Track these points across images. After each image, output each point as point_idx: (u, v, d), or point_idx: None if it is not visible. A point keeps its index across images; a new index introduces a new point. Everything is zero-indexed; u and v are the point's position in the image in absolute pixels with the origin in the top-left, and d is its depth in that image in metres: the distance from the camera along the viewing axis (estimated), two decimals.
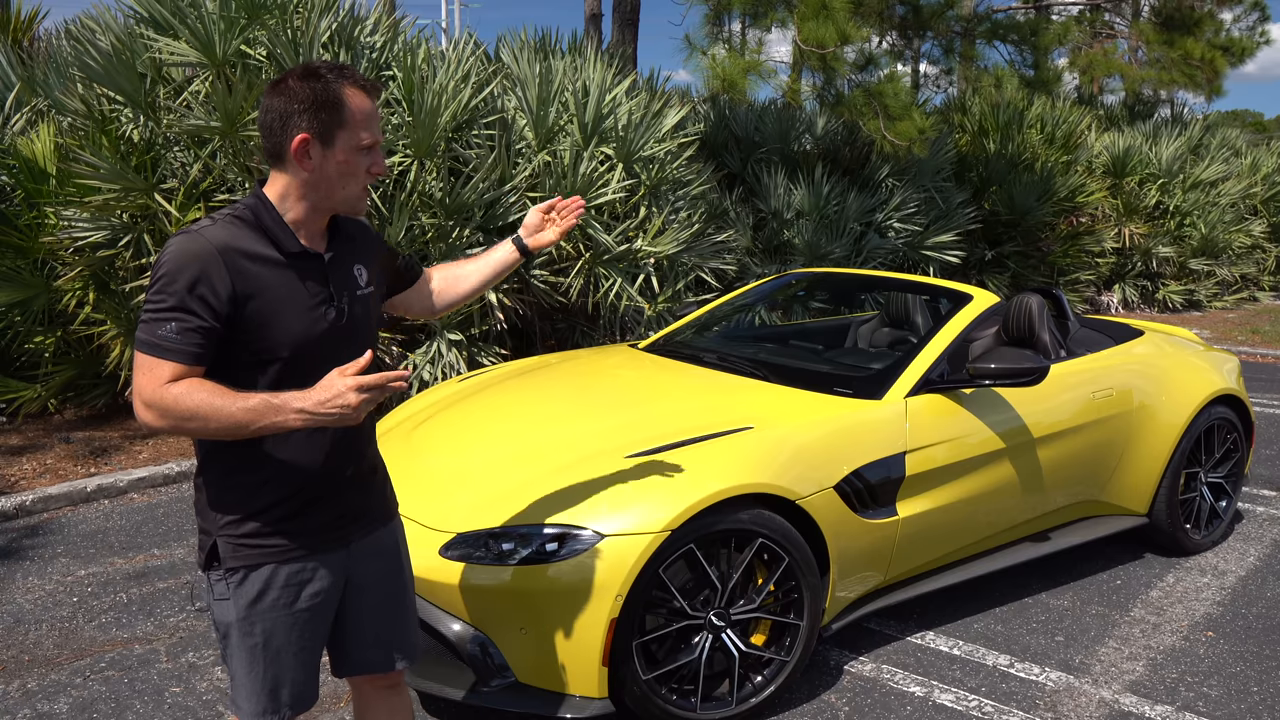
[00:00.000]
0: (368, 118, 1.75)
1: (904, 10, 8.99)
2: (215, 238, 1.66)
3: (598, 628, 2.53)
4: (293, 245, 1.75)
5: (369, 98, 1.75)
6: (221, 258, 1.64)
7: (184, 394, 1.60)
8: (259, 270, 1.69)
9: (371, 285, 1.93)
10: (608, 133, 6.56)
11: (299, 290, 1.74)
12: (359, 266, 1.90)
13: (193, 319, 1.62)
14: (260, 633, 1.78)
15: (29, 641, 3.32)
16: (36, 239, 5.60)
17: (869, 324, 4.72)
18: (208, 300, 1.62)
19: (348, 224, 1.93)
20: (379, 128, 1.79)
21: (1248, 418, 4.34)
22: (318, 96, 1.69)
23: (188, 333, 1.62)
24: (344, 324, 1.81)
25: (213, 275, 1.63)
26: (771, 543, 2.77)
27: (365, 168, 1.77)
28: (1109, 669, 3.23)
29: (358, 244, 1.94)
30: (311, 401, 1.59)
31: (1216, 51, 12.37)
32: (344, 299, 1.82)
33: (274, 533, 1.78)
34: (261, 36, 5.57)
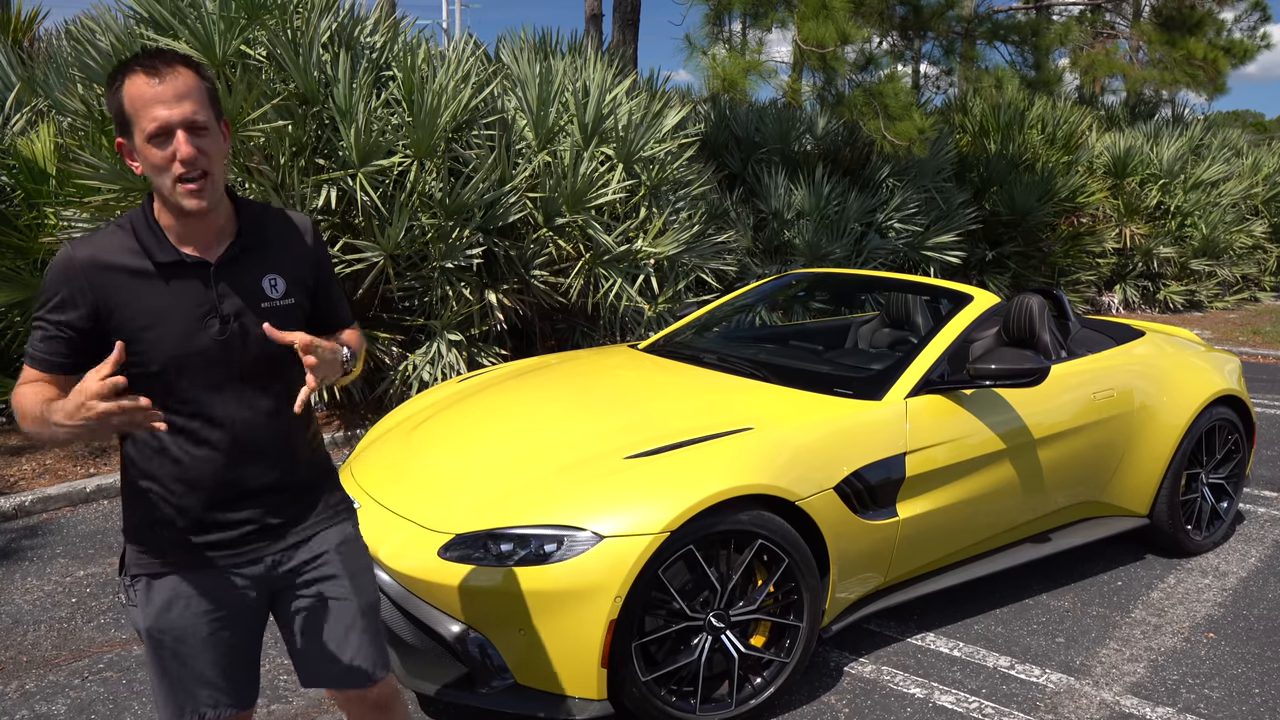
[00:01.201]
0: (149, 102, 1.54)
1: (904, 10, 8.98)
2: (84, 249, 1.61)
3: (597, 629, 2.52)
4: (164, 254, 1.64)
5: (150, 76, 1.55)
6: (83, 272, 1.60)
7: (21, 395, 1.59)
8: (125, 282, 1.61)
9: (291, 298, 1.75)
10: (608, 133, 6.55)
11: (173, 302, 1.63)
12: (273, 277, 1.74)
13: (53, 329, 1.60)
14: (170, 641, 1.73)
15: (27, 642, 3.31)
16: (36, 239, 5.60)
17: (869, 324, 4.71)
18: (66, 313, 1.60)
19: (272, 227, 1.77)
20: (176, 105, 1.56)
21: (1249, 418, 4.33)
22: (109, 103, 1.60)
23: (48, 340, 1.61)
24: (230, 339, 1.68)
25: (73, 290, 1.59)
26: (771, 544, 2.76)
27: (167, 159, 1.56)
28: (1110, 670, 3.22)
29: (276, 250, 1.76)
30: (62, 414, 1.47)
31: (1218, 52, 12.35)
32: (234, 312, 1.68)
33: (174, 544, 1.72)
34: (261, 37, 5.57)
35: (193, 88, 1.58)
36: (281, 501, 1.80)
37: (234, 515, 1.74)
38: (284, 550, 1.81)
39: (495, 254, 6.13)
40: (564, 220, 6.28)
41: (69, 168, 5.38)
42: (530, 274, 6.25)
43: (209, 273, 1.67)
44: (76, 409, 1.42)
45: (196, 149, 1.57)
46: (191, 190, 1.58)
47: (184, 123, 1.56)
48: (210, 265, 1.67)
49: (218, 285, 1.67)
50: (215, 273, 1.67)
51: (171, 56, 1.59)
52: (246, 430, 1.72)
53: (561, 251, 6.36)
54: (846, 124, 9.21)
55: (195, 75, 1.60)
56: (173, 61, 1.58)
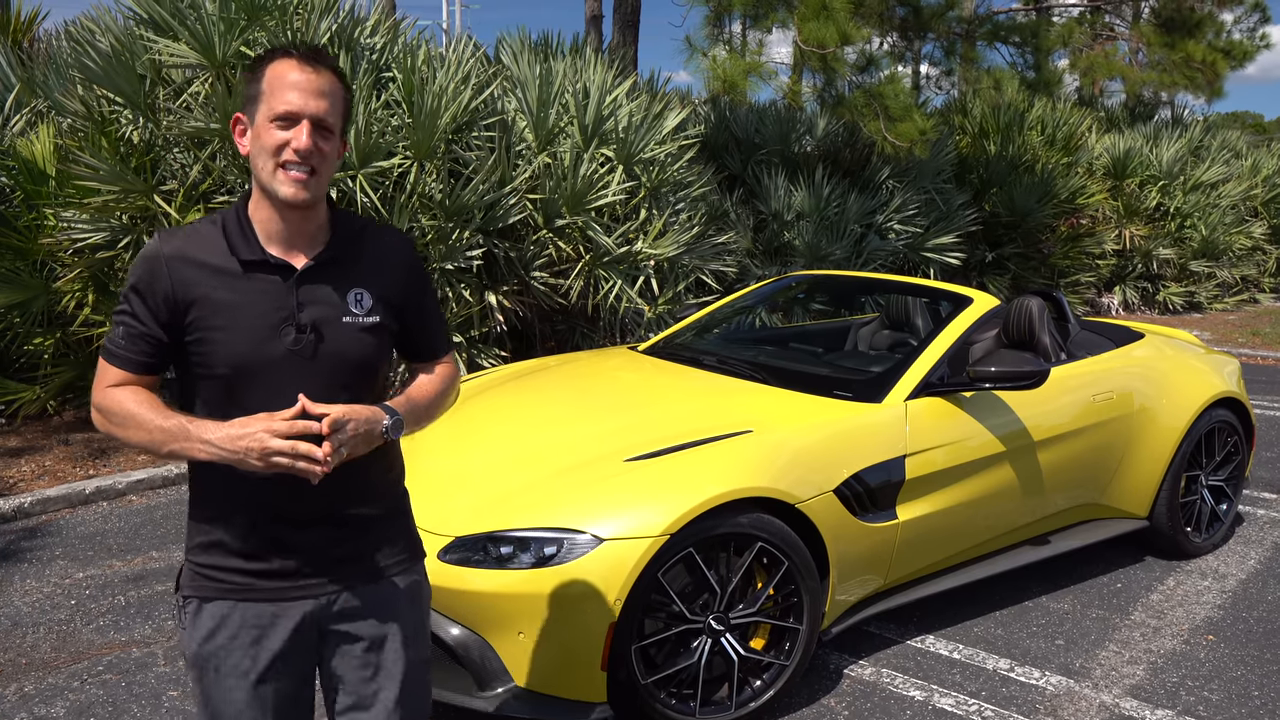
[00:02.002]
0: (289, 85, 1.51)
1: (904, 11, 8.98)
2: (171, 242, 1.56)
3: (597, 631, 2.53)
4: (249, 251, 1.57)
5: (302, 64, 1.53)
6: (166, 264, 1.54)
7: (122, 400, 1.54)
8: (205, 279, 1.54)
9: (376, 316, 1.64)
10: (608, 134, 6.56)
11: (250, 304, 1.55)
12: (360, 291, 1.63)
13: (137, 325, 1.55)
14: (213, 671, 1.63)
15: (26, 644, 3.31)
16: (36, 240, 5.59)
17: (869, 326, 4.71)
18: (149, 307, 1.54)
19: (368, 241, 1.68)
20: (314, 99, 1.53)
21: (1248, 420, 4.34)
22: (248, 71, 1.57)
23: (132, 339, 1.55)
24: (304, 351, 1.57)
25: (155, 282, 1.54)
26: (771, 546, 2.76)
27: (282, 142, 1.52)
28: (1109, 673, 3.22)
29: (367, 265, 1.66)
30: (221, 434, 1.46)
31: (1217, 54, 12.38)
32: (313, 322, 1.57)
33: (231, 568, 1.62)
34: (261, 38, 5.57)
35: (335, 91, 1.55)
36: (347, 534, 1.67)
37: (295, 542, 1.63)
38: (344, 589, 1.67)
39: (495, 255, 6.13)
40: (564, 222, 6.28)
41: (69, 169, 5.38)
42: (530, 275, 6.25)
43: (293, 277, 1.58)
44: (241, 434, 1.44)
45: (314, 144, 1.53)
46: (294, 178, 1.53)
47: (314, 117, 1.53)
48: (295, 270, 1.58)
49: (300, 292, 1.58)
50: (299, 278, 1.58)
51: (327, 58, 1.57)
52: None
53: (561, 253, 6.36)
54: (846, 125, 9.21)
55: (341, 83, 1.57)
56: (325, 61, 1.56)
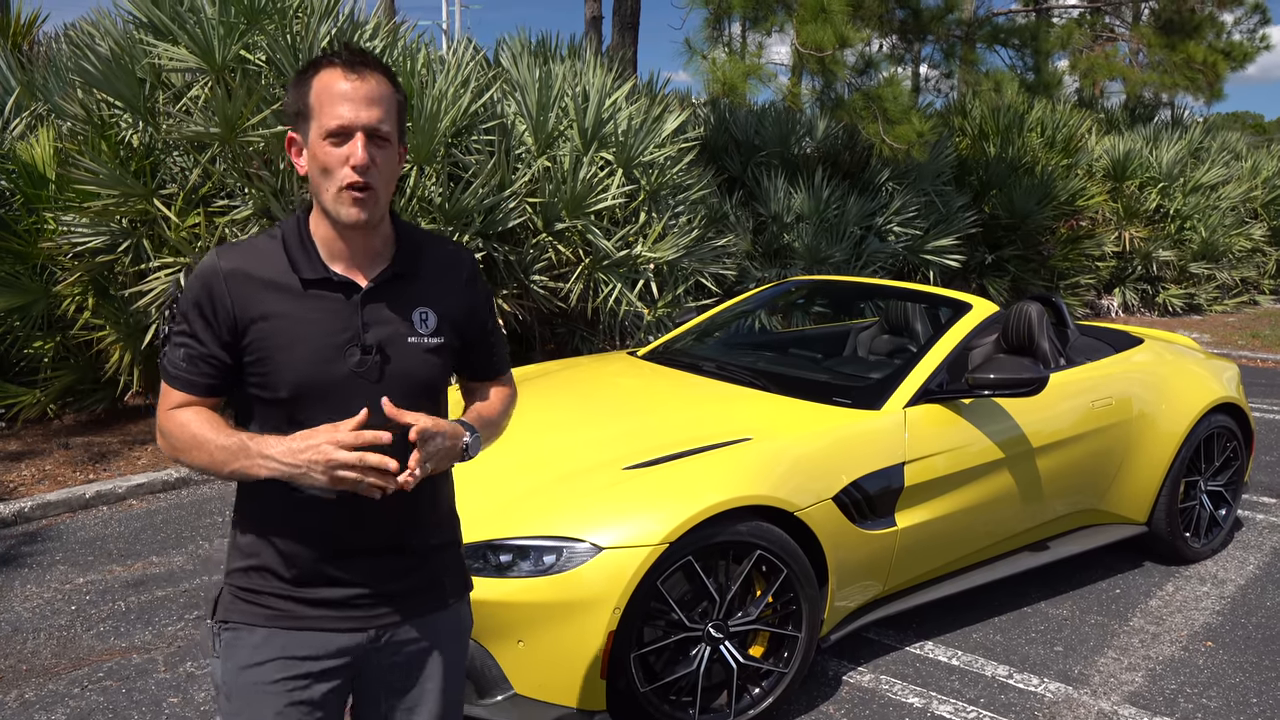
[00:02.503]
0: (337, 97, 1.43)
1: (904, 14, 8.99)
2: (230, 258, 1.50)
3: (596, 640, 2.53)
4: (311, 269, 1.50)
5: (347, 72, 1.44)
6: (226, 281, 1.47)
7: (185, 422, 1.48)
8: (267, 296, 1.48)
9: (440, 337, 1.58)
10: (608, 138, 6.56)
11: (314, 324, 1.49)
12: (424, 310, 1.56)
13: (198, 346, 1.48)
14: (246, 699, 1.54)
15: (27, 650, 3.32)
16: (36, 244, 5.60)
17: (868, 331, 4.71)
18: (210, 326, 1.48)
19: (431, 257, 1.61)
20: (365, 108, 1.45)
21: (1247, 426, 4.34)
22: (292, 94, 1.49)
23: (193, 360, 1.49)
24: (369, 373, 1.50)
25: (215, 299, 1.47)
26: (770, 554, 2.77)
27: (339, 160, 1.44)
28: (1108, 680, 3.22)
29: (430, 281, 1.59)
30: (282, 448, 1.39)
31: (1217, 55, 12.38)
32: (379, 343, 1.51)
33: (279, 594, 1.54)
34: (261, 42, 5.57)
35: (386, 95, 1.47)
36: (401, 567, 1.59)
37: (345, 573, 1.55)
38: (396, 623, 1.59)
39: (495, 259, 6.13)
40: (563, 225, 6.28)
41: (68, 173, 5.38)
42: (530, 279, 6.25)
43: (358, 296, 1.51)
44: (304, 446, 1.37)
45: (371, 157, 1.45)
46: (356, 199, 1.45)
47: (368, 127, 1.44)
48: (360, 288, 1.51)
49: (365, 311, 1.51)
50: (365, 297, 1.52)
51: (372, 60, 1.48)
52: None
53: (561, 256, 6.37)
54: (846, 127, 9.22)
55: (391, 85, 1.49)
56: (372, 64, 1.48)
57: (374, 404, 1.45)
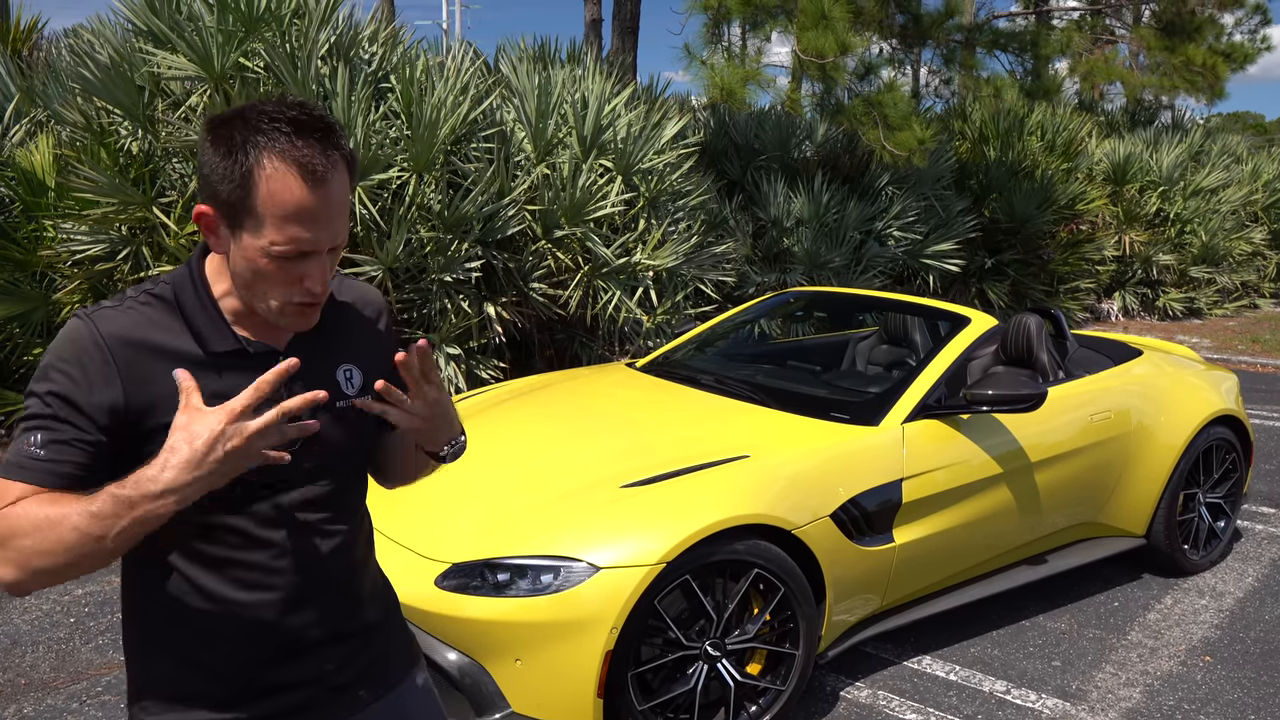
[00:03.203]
0: (293, 214, 1.15)
1: (904, 19, 8.98)
2: (109, 323, 1.20)
3: (593, 659, 2.53)
4: (220, 341, 1.25)
5: (305, 176, 1.14)
6: (108, 352, 1.18)
7: (22, 513, 1.11)
8: (163, 372, 1.20)
9: (368, 395, 1.37)
10: (607, 145, 6.56)
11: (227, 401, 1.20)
12: (348, 368, 1.37)
13: (65, 429, 1.16)
14: None
15: (26, 664, 3.32)
16: (35, 252, 5.60)
17: (867, 341, 4.71)
18: (82, 407, 1.17)
19: (344, 298, 1.41)
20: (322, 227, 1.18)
21: (1246, 438, 4.34)
22: (224, 160, 1.15)
23: (57, 445, 1.16)
24: (302, 448, 1.28)
25: (92, 375, 1.17)
26: (767, 573, 2.77)
27: (288, 279, 1.20)
28: (1105, 695, 3.22)
29: (349, 332, 1.39)
30: (173, 468, 1.08)
31: (1218, 57, 12.35)
32: (306, 414, 1.25)
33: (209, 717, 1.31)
34: (259, 49, 5.57)
35: (346, 192, 1.21)
36: (350, 651, 1.39)
37: (292, 676, 1.33)
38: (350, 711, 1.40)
39: (494, 266, 6.13)
40: (563, 233, 6.28)
41: (68, 180, 5.38)
42: (529, 286, 6.25)
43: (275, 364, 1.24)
44: (209, 445, 1.07)
45: (327, 269, 1.22)
46: (304, 313, 1.25)
47: (330, 247, 1.21)
48: (278, 354, 1.28)
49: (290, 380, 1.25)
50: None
51: (331, 138, 1.18)
52: (310, 562, 1.32)
53: (560, 264, 6.36)
54: (846, 131, 9.21)
55: (347, 167, 1.21)
56: (333, 147, 1.17)
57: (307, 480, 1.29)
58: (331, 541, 1.35)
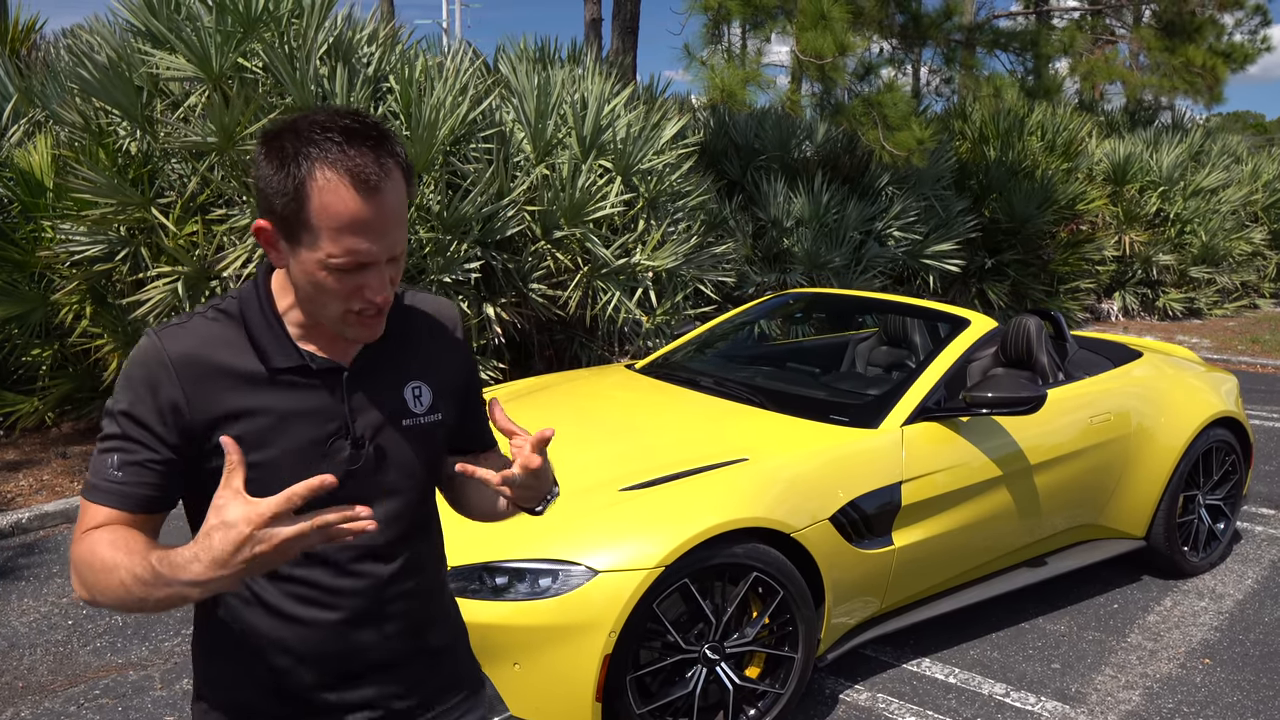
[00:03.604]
0: (348, 226, 1.12)
1: (904, 19, 8.97)
2: (177, 342, 1.21)
3: (591, 663, 2.53)
4: (283, 357, 1.23)
5: (359, 187, 1.11)
6: (176, 371, 1.19)
7: (95, 546, 1.13)
8: (231, 391, 1.21)
9: (438, 413, 1.34)
10: (606, 145, 6.55)
11: (293, 420, 1.23)
12: (417, 385, 1.33)
13: (139, 450, 1.18)
14: None
15: (24, 667, 3.31)
16: (34, 252, 5.59)
17: (867, 342, 4.70)
18: (152, 427, 1.18)
19: (416, 313, 1.37)
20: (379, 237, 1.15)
21: (1246, 439, 4.33)
22: (277, 173, 1.13)
23: (131, 468, 1.18)
24: (363, 467, 1.26)
25: (161, 395, 1.18)
26: (766, 576, 2.76)
27: (348, 290, 1.17)
28: (1105, 698, 3.22)
29: (420, 348, 1.35)
30: (202, 563, 1.03)
31: (1218, 58, 12.34)
32: (371, 432, 1.27)
33: None
34: (258, 50, 5.56)
35: (403, 200, 1.17)
36: (413, 677, 1.36)
37: (351, 696, 1.31)
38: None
39: (493, 267, 6.13)
40: (562, 233, 6.27)
41: (66, 181, 5.37)
42: (528, 287, 6.24)
43: (341, 381, 1.26)
44: (235, 548, 1.01)
45: (389, 279, 1.19)
46: (368, 324, 1.21)
47: (389, 256, 1.18)
48: (344, 370, 1.26)
49: (351, 398, 1.26)
50: (349, 380, 1.27)
51: (385, 146, 1.15)
52: (372, 584, 1.29)
53: (560, 264, 6.36)
54: (846, 131, 9.20)
55: (404, 174, 1.17)
56: (386, 154, 1.14)
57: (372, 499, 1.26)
58: (394, 564, 1.31)
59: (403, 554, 1.32)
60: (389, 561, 1.31)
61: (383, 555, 1.30)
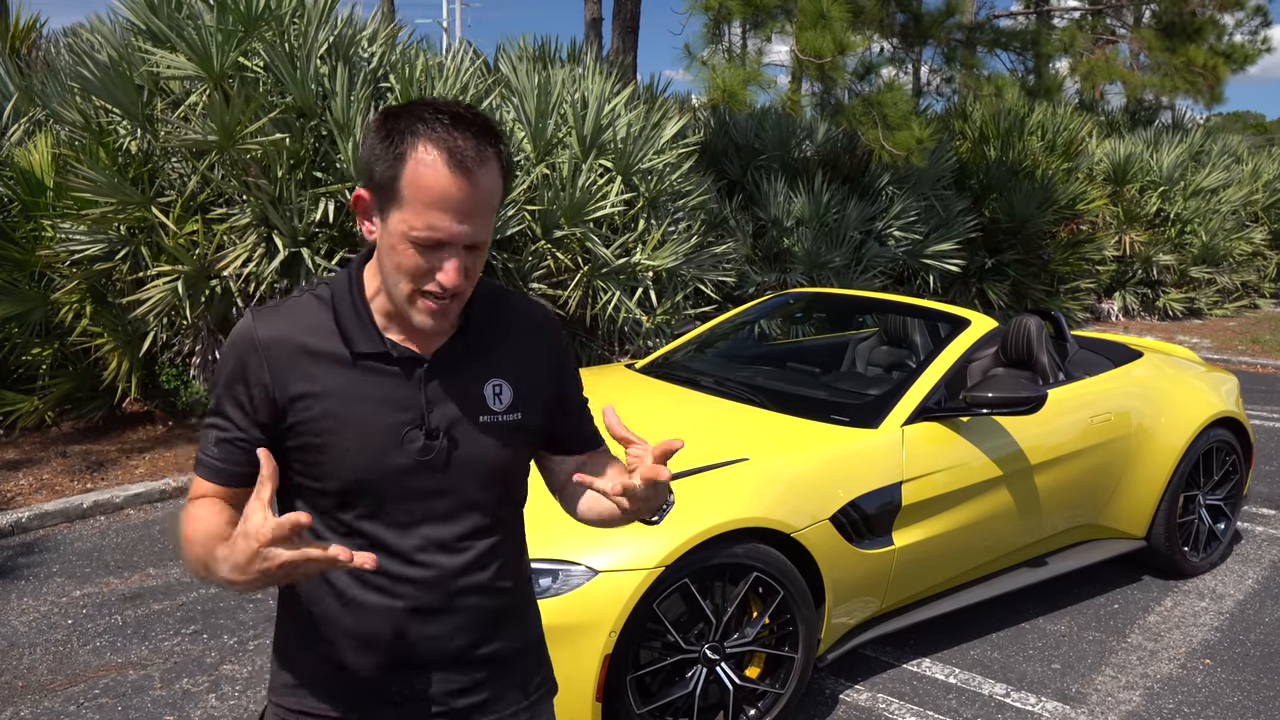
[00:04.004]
0: (436, 200, 1.16)
1: (904, 18, 8.97)
2: (268, 324, 1.27)
3: (591, 663, 2.52)
4: (366, 343, 1.27)
5: (454, 166, 1.15)
6: (264, 352, 1.25)
7: (186, 519, 1.25)
8: (312, 370, 1.25)
9: (518, 413, 1.34)
10: (607, 145, 6.55)
11: (369, 405, 1.26)
12: (498, 382, 1.34)
13: (230, 428, 1.26)
14: None
15: (23, 666, 3.31)
16: (34, 251, 5.59)
17: (867, 342, 4.70)
18: (245, 406, 1.26)
19: (505, 318, 1.38)
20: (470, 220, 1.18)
21: (1246, 439, 4.33)
22: (382, 143, 1.19)
23: (224, 445, 1.27)
24: (434, 459, 1.28)
25: (250, 374, 1.25)
26: (766, 576, 2.76)
27: (422, 269, 1.20)
28: (1105, 699, 3.22)
29: (506, 349, 1.36)
30: (230, 565, 1.09)
31: (1218, 58, 12.33)
32: (446, 425, 1.28)
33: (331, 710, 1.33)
34: (259, 49, 5.55)
35: (495, 191, 1.21)
36: (476, 677, 1.36)
37: (412, 688, 1.32)
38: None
39: (493, 267, 6.12)
40: (562, 233, 6.27)
41: (67, 180, 5.37)
42: (528, 286, 6.24)
43: (420, 371, 1.28)
44: (249, 560, 1.06)
45: (464, 275, 1.22)
46: (433, 310, 1.23)
47: (467, 242, 1.20)
48: (424, 361, 1.29)
49: (428, 388, 1.28)
50: (428, 371, 1.29)
51: (488, 133, 1.19)
52: (439, 576, 1.30)
53: (560, 264, 6.36)
54: (846, 131, 9.20)
55: (501, 166, 1.21)
56: (488, 144, 1.19)
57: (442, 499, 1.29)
58: (462, 558, 1.32)
59: (473, 549, 1.33)
60: (457, 555, 1.31)
61: (451, 548, 1.31)
